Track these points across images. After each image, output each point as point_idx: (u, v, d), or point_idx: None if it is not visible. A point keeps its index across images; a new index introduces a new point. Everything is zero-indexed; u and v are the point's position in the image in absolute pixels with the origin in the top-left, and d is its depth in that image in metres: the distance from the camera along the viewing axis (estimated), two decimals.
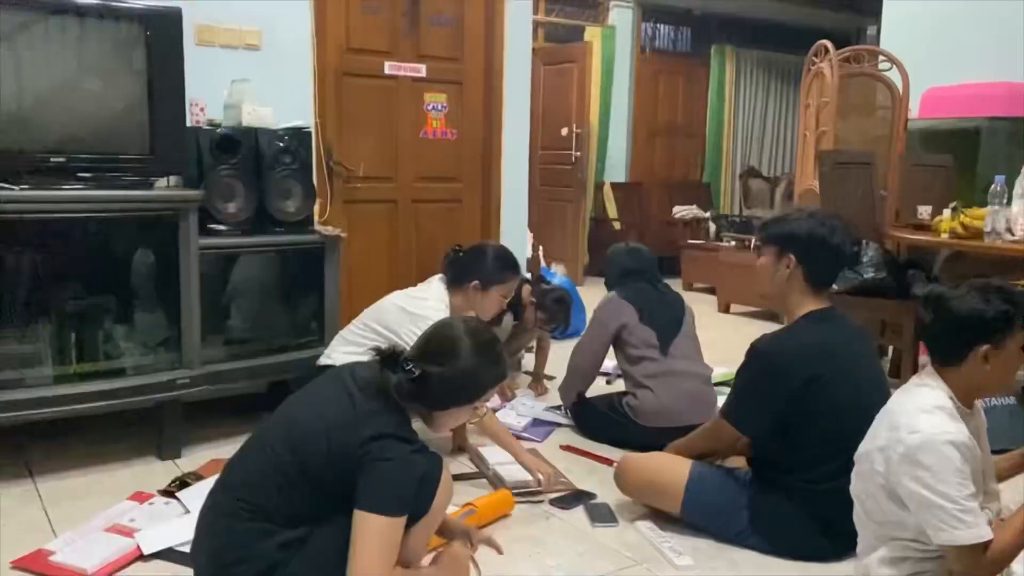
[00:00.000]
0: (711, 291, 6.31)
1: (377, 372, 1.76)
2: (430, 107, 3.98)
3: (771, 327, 4.72)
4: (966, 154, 4.55)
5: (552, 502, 2.55)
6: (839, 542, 2.12)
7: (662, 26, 8.46)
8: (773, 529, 2.20)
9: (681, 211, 7.95)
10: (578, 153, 6.97)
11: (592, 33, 7.57)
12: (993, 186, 3.30)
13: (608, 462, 2.83)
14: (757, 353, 2.23)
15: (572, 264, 6.99)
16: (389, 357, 1.76)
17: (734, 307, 5.99)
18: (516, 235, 4.26)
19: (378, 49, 3.81)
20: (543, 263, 5.99)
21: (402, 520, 1.67)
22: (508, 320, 3.61)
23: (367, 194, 3.85)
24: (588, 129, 7.12)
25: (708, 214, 8.05)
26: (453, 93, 4.04)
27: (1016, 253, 3.17)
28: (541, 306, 3.64)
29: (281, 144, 3.06)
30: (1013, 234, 3.21)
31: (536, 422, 3.29)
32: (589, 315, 4.93)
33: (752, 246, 5.96)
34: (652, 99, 8.31)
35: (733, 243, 6.40)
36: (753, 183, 8.64)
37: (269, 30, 3.41)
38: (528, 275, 4.09)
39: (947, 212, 3.44)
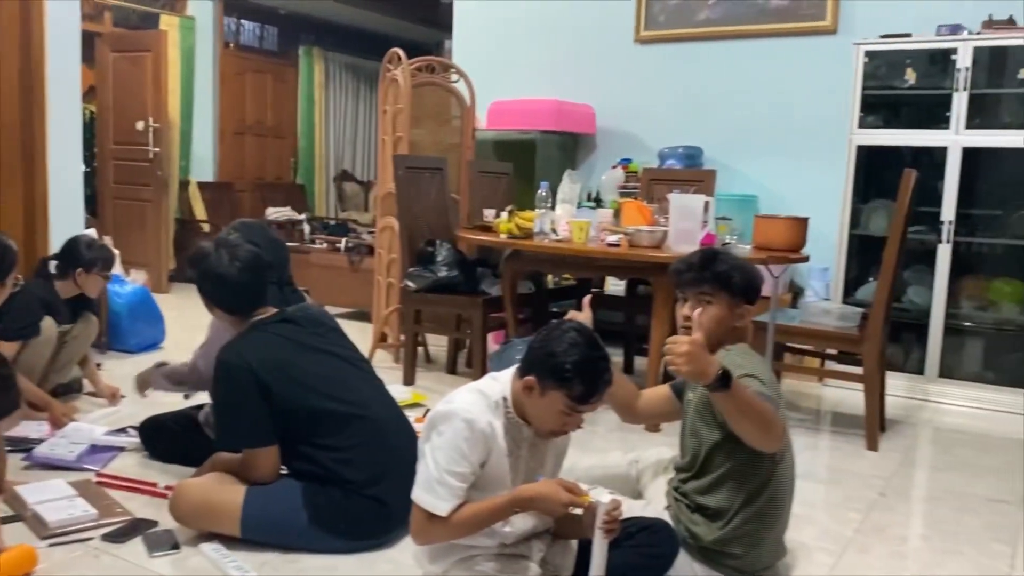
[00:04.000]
0: (306, 293, 6.25)
1: None
2: None
3: (363, 327, 4.90)
4: (526, 162, 5.06)
5: (104, 537, 2.27)
6: (393, 510, 2.19)
7: (246, 22, 8.19)
8: (328, 517, 2.20)
9: (275, 213, 7.77)
10: (156, 149, 6.44)
11: (168, 22, 7.05)
12: (540, 191, 3.69)
13: (150, 487, 2.62)
14: (221, 365, 2.24)
15: (155, 270, 6.44)
16: None
17: (328, 308, 5.97)
18: (70, 235, 3.78)
19: None
20: (120, 270, 5.44)
21: None
22: (51, 328, 3.16)
23: None
24: (167, 124, 6.62)
25: (303, 216, 7.97)
26: None
27: (558, 251, 3.57)
28: (88, 264, 3.27)
29: None
30: (557, 234, 3.61)
31: (94, 449, 2.93)
32: (170, 326, 4.65)
33: (344, 249, 6.07)
34: (239, 96, 8.02)
35: (325, 245, 6.41)
36: (347, 186, 8.78)
37: None
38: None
39: (504, 215, 3.77)
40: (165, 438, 2.92)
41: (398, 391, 3.61)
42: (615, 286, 4.75)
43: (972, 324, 4.15)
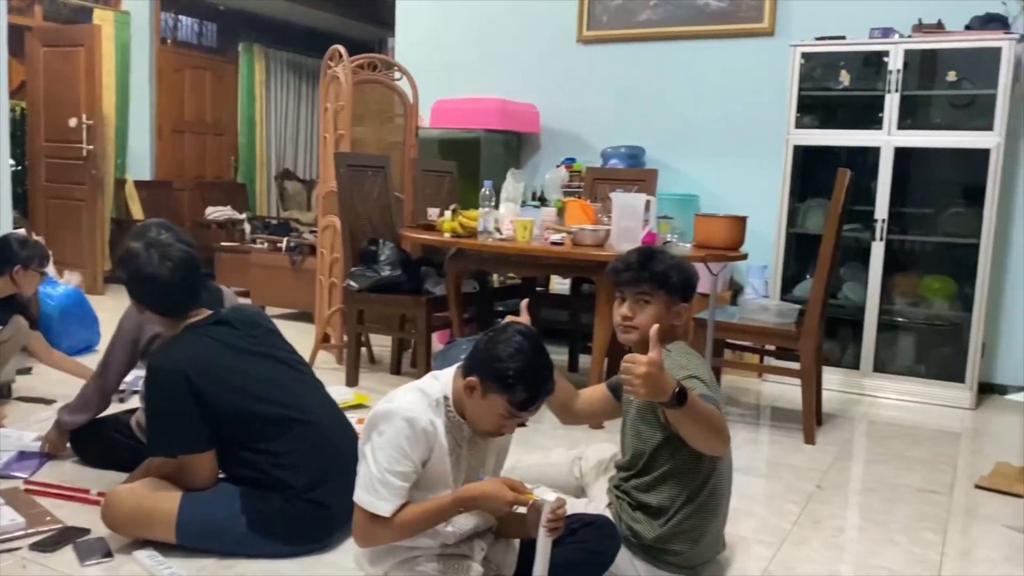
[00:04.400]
0: (246, 294, 6.15)
1: None
2: None
3: (306, 327, 4.83)
4: (470, 161, 5.05)
5: (33, 547, 2.20)
6: (334, 513, 2.16)
7: (184, 17, 8.02)
8: (267, 522, 2.16)
9: (215, 212, 7.63)
10: (90, 147, 6.26)
11: (102, 16, 6.87)
12: (483, 190, 3.68)
13: (81, 494, 2.53)
14: (153, 371, 2.18)
15: (89, 271, 6.26)
16: None
17: (269, 309, 5.88)
18: None
19: None
20: (52, 272, 5.27)
21: None
22: None
23: None
24: (102, 120, 6.44)
25: (244, 215, 7.83)
26: None
27: (502, 250, 3.57)
28: (25, 260, 3.17)
29: None
30: (501, 233, 3.61)
31: (23, 455, 2.83)
32: (105, 328, 4.52)
33: (285, 248, 5.98)
34: (177, 93, 7.86)
35: (266, 245, 6.30)
36: (289, 185, 8.65)
37: None
38: None
39: (447, 214, 3.75)
40: (97, 443, 2.83)
41: (341, 392, 3.58)
42: (560, 285, 4.76)
43: (905, 320, 4.27)
